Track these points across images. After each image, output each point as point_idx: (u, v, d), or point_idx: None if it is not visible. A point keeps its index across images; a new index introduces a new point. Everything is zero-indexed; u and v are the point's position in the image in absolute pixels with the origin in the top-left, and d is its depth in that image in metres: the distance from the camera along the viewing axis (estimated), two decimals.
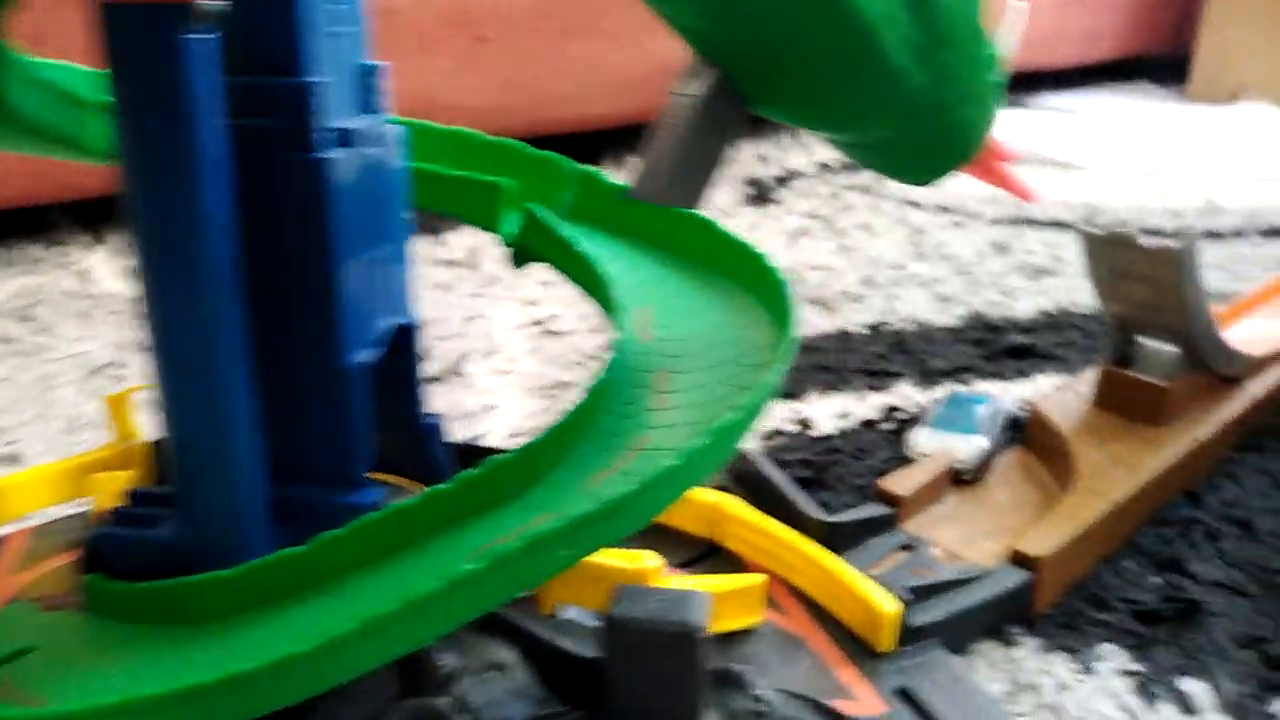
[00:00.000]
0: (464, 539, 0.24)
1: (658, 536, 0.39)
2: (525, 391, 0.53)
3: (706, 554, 0.38)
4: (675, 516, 0.39)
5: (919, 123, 0.24)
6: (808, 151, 1.09)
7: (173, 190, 0.21)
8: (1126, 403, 0.45)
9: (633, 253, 0.35)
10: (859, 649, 0.33)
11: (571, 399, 0.46)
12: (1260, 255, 0.79)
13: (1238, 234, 0.84)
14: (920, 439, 0.45)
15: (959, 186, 0.98)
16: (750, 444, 0.49)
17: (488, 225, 0.33)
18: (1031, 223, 0.85)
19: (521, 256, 0.34)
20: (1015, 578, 0.35)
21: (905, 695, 0.31)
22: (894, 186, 0.97)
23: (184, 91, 0.21)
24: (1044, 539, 0.36)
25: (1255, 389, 0.48)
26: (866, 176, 0.99)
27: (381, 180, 0.27)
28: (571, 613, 0.32)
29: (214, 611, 0.24)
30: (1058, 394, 0.48)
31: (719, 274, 0.34)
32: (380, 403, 0.31)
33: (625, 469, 0.25)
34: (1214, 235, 0.84)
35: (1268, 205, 0.94)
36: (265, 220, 0.24)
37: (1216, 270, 0.74)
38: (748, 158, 1.04)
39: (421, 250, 0.67)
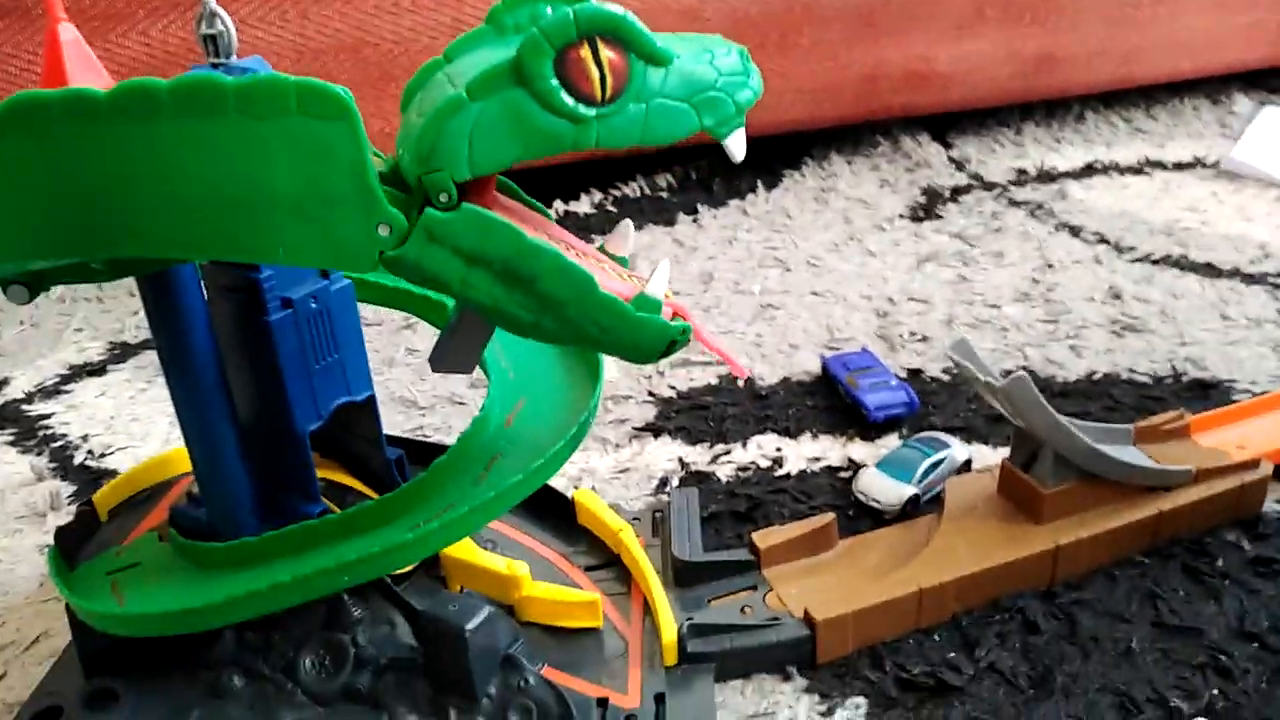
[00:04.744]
0: (356, 543, 0.41)
1: (590, 541, 0.53)
2: None
3: (612, 563, 0.52)
4: (600, 533, 0.53)
5: (586, 344, 0.35)
6: (1004, 159, 1.09)
7: (175, 346, 0.39)
8: (1016, 497, 0.51)
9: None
10: (659, 659, 0.45)
11: None
12: None
13: None
14: (863, 478, 0.54)
15: (1140, 208, 0.95)
16: (723, 471, 0.60)
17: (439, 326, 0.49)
18: (1182, 265, 0.82)
19: None
20: (796, 631, 0.46)
21: (658, 699, 0.43)
22: (1066, 206, 0.96)
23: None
24: (832, 606, 0.46)
25: (1169, 502, 0.51)
26: (1044, 193, 0.99)
27: (329, 317, 0.43)
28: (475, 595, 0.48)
29: (221, 564, 0.43)
30: (981, 473, 0.54)
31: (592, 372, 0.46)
32: (354, 441, 0.48)
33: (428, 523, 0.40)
34: None
35: None
36: (249, 349, 0.42)
37: None
38: (940, 163, 1.07)
39: None
